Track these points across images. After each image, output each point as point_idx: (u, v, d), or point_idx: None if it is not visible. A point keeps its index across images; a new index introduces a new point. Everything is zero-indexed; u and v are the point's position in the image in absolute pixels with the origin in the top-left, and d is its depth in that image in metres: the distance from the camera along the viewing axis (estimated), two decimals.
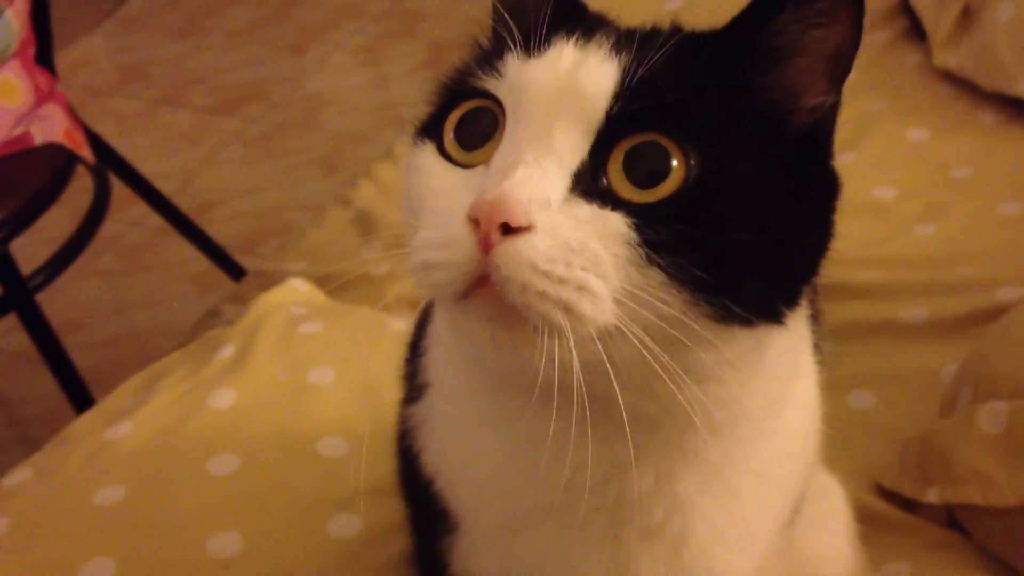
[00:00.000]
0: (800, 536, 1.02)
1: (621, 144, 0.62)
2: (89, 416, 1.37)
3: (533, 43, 0.66)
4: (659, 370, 0.62)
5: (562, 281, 0.59)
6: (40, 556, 1.16)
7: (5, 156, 1.92)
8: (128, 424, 1.29)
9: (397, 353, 0.93)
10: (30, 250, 2.07)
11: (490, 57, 0.68)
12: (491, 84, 0.67)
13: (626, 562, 0.77)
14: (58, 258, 2.09)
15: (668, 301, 0.61)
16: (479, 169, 0.65)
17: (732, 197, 0.62)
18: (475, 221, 0.59)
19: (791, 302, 0.68)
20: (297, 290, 1.56)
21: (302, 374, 1.34)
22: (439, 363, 0.82)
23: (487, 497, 0.80)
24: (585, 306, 0.59)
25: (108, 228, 2.70)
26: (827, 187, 0.70)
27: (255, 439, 1.26)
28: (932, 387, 1.37)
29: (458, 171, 0.67)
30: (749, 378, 0.70)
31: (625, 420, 0.65)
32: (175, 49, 3.68)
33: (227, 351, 1.40)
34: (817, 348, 0.86)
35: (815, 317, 0.92)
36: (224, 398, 1.31)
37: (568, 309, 0.59)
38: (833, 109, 0.69)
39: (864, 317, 1.51)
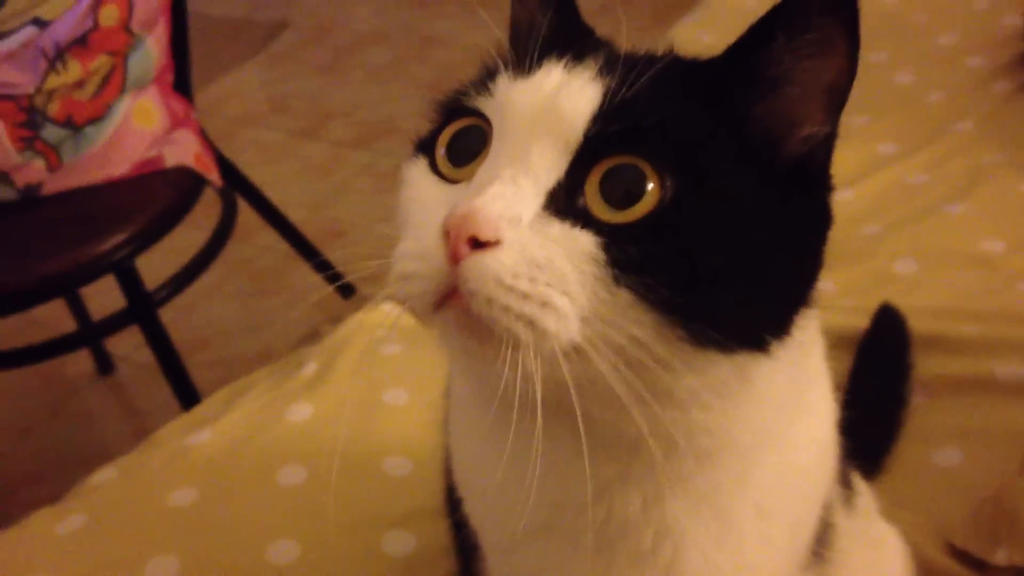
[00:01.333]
0: None
1: (599, 165, 0.63)
2: (176, 423, 1.44)
3: (525, 64, 0.68)
4: (635, 392, 0.62)
5: (526, 296, 0.60)
6: (110, 551, 1.21)
7: (136, 177, 2.03)
8: (208, 432, 1.35)
9: None
10: (163, 267, 2.17)
11: (487, 77, 0.70)
12: (481, 103, 0.68)
13: None
14: (182, 275, 2.19)
15: (640, 322, 0.61)
16: (463, 184, 0.67)
17: (707, 222, 0.62)
18: (447, 234, 0.61)
19: (777, 331, 0.67)
20: (386, 312, 1.60)
21: (377, 393, 1.38)
22: (451, 377, 0.84)
23: (490, 512, 0.82)
24: (549, 322, 0.60)
25: (242, 251, 2.83)
26: (817, 218, 0.69)
27: (323, 453, 1.29)
28: (1022, 447, 1.32)
29: (445, 186, 0.69)
30: (737, 406, 0.69)
31: (608, 440, 0.66)
32: (318, 83, 3.81)
33: (310, 368, 1.45)
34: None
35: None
36: (300, 412, 1.36)
37: (532, 324, 0.60)
38: (828, 140, 0.68)
39: (959, 371, 1.46)
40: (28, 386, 2.70)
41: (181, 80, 2.20)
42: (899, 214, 1.74)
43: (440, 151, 0.70)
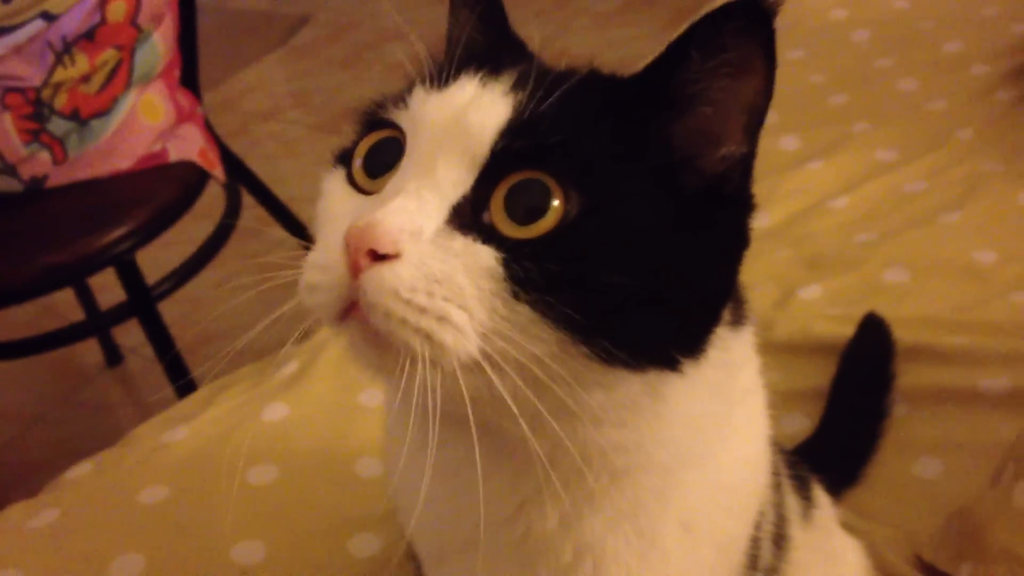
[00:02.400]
0: None
1: (505, 180, 0.63)
2: (156, 420, 1.45)
3: (442, 76, 0.68)
4: (538, 409, 0.62)
5: (423, 310, 0.60)
6: (79, 546, 1.23)
7: (140, 170, 2.04)
8: (184, 429, 1.36)
9: None
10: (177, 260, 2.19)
11: (407, 90, 0.70)
12: (397, 115, 0.68)
13: None
14: (183, 269, 2.21)
15: (542, 339, 0.61)
16: (376, 197, 0.67)
17: (610, 240, 0.62)
18: (348, 246, 0.61)
19: (687, 350, 0.67)
20: None
21: (353, 394, 1.38)
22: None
23: (419, 525, 0.82)
24: (446, 336, 0.60)
25: (253, 246, 2.84)
26: (731, 238, 0.69)
27: (297, 453, 1.30)
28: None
29: (359, 198, 0.69)
30: (650, 424, 0.69)
31: (522, 456, 0.66)
32: (336, 79, 3.82)
33: (290, 367, 1.46)
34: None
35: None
36: (277, 411, 1.37)
37: (429, 338, 0.60)
38: (745, 160, 0.67)
39: (944, 383, 1.44)
40: (40, 375, 2.74)
41: (188, 75, 2.21)
42: (893, 222, 1.72)
43: (356, 163, 0.70)
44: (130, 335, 2.69)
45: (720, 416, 0.76)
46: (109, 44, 1.94)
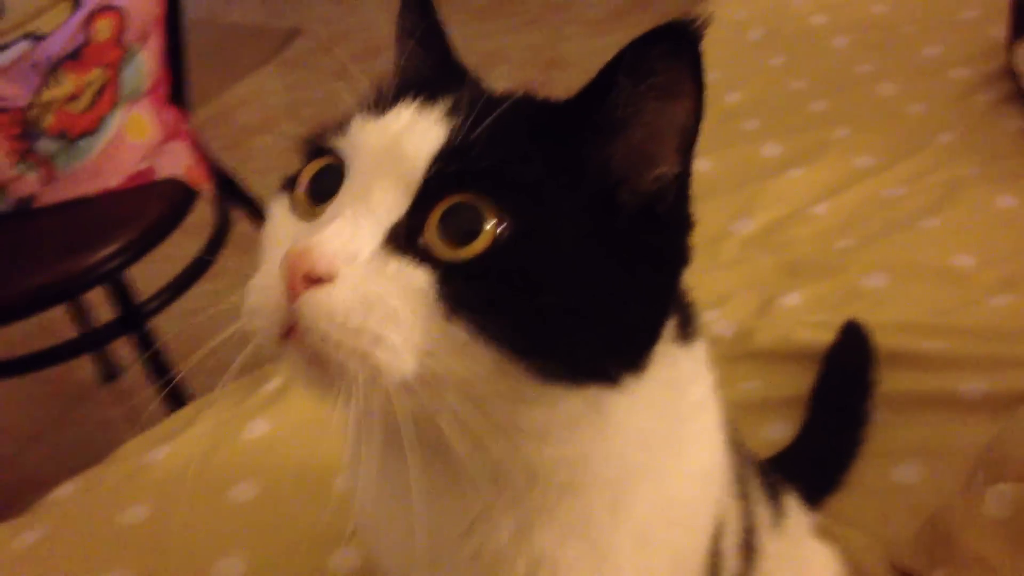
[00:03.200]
0: None
1: (439, 204, 0.64)
2: (140, 439, 1.46)
3: (380, 104, 0.69)
4: (483, 426, 0.63)
5: (358, 332, 0.61)
6: (61, 566, 1.24)
7: (128, 188, 2.06)
8: (166, 448, 1.37)
9: None
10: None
11: (348, 118, 0.71)
12: (337, 142, 0.70)
13: None
14: (174, 285, 2.21)
15: (478, 358, 0.62)
16: (314, 223, 0.68)
17: (542, 260, 0.63)
18: (285, 270, 0.62)
19: (628, 366, 0.68)
20: None
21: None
22: None
23: (375, 545, 0.83)
24: (381, 357, 0.61)
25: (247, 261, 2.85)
26: (667, 258, 0.70)
27: (277, 469, 1.31)
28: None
29: (299, 224, 0.70)
30: (594, 440, 0.70)
31: (469, 473, 0.67)
32: (329, 91, 3.82)
33: (272, 384, 1.47)
34: None
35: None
36: (257, 428, 1.38)
37: (364, 359, 0.61)
38: (679, 180, 0.68)
39: (922, 387, 1.45)
40: (36, 393, 2.75)
41: (176, 91, 2.22)
42: (872, 228, 1.73)
43: (299, 189, 0.71)
44: (127, 349, 2.71)
45: (668, 431, 0.77)
46: (95, 64, 1.96)
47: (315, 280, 0.62)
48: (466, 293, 0.62)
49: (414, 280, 0.63)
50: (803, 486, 1.22)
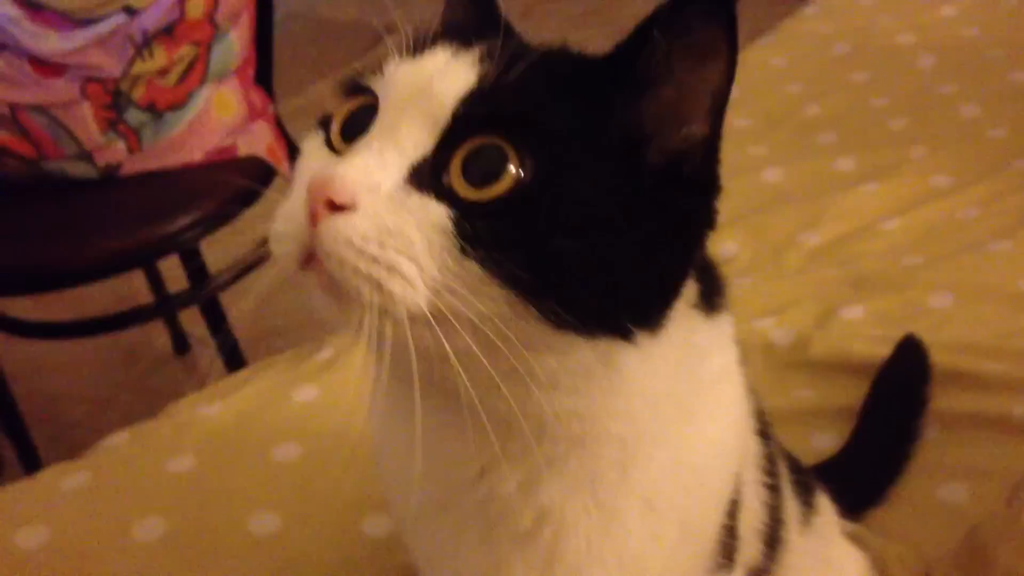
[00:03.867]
0: None
1: (464, 144, 0.65)
2: (195, 396, 1.50)
3: (418, 47, 0.71)
4: (494, 369, 0.64)
5: (375, 260, 0.62)
6: (105, 508, 1.27)
7: (210, 163, 2.11)
8: (219, 405, 1.41)
9: None
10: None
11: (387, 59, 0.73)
12: (373, 81, 0.71)
13: (499, 565, 0.78)
14: (246, 261, 2.26)
15: (492, 298, 0.63)
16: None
17: (561, 206, 0.64)
18: (309, 196, 0.64)
19: (641, 322, 0.68)
20: None
21: None
22: None
23: (391, 486, 0.84)
24: (395, 286, 0.62)
25: None
26: (691, 218, 0.70)
27: (321, 433, 1.34)
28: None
29: (331, 158, 0.71)
30: (605, 394, 0.71)
31: (481, 418, 0.68)
32: None
33: (325, 352, 1.50)
34: None
35: None
36: (307, 393, 1.40)
37: (379, 287, 0.62)
38: (708, 142, 0.68)
39: (976, 408, 1.42)
40: (112, 359, 2.83)
41: (263, 73, 2.27)
42: (942, 248, 1.71)
43: (334, 126, 0.72)
44: (200, 325, 2.77)
45: (684, 398, 0.77)
46: (187, 40, 2.01)
47: (337, 207, 0.63)
48: (484, 232, 0.63)
49: (433, 215, 0.64)
50: (846, 497, 1.21)
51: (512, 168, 0.64)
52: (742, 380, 0.83)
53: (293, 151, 2.30)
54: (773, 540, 0.98)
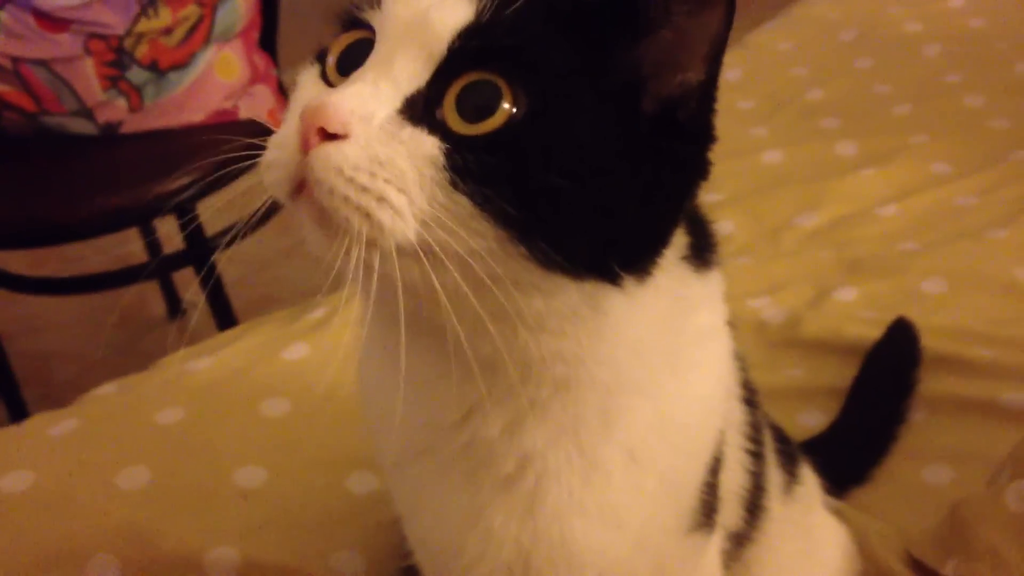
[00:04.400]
0: (767, 566, 1.00)
1: (459, 79, 0.65)
2: (185, 351, 1.50)
3: None
4: (481, 307, 0.64)
5: (364, 189, 0.62)
6: (91, 455, 1.27)
7: (210, 125, 2.10)
8: (208, 359, 1.41)
9: None
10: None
11: None
12: (369, 15, 0.70)
13: (480, 509, 0.78)
14: (243, 225, 2.25)
15: (481, 234, 0.63)
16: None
17: (553, 144, 0.64)
18: (301, 124, 0.64)
19: (629, 266, 0.68)
20: None
21: None
22: None
23: (376, 430, 0.84)
24: (384, 216, 0.62)
25: None
26: (683, 167, 0.70)
27: (309, 390, 1.34)
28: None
29: (327, 90, 0.71)
30: (591, 338, 0.71)
31: (466, 358, 0.68)
32: None
33: (318, 312, 1.50)
34: None
35: None
36: (297, 351, 1.40)
37: (368, 217, 0.62)
38: (703, 89, 0.68)
39: (963, 393, 1.43)
40: (105, 321, 2.82)
41: (267, 38, 2.27)
42: (938, 234, 1.71)
43: (330, 60, 0.72)
44: (193, 290, 2.77)
45: (669, 348, 0.77)
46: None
47: (329, 136, 0.63)
48: (475, 166, 0.63)
49: (425, 147, 0.64)
50: (830, 474, 1.21)
51: (506, 104, 0.64)
52: (729, 340, 0.83)
53: None
54: (755, 507, 0.98)
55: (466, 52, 0.65)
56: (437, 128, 0.65)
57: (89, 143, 2.06)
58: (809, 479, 1.12)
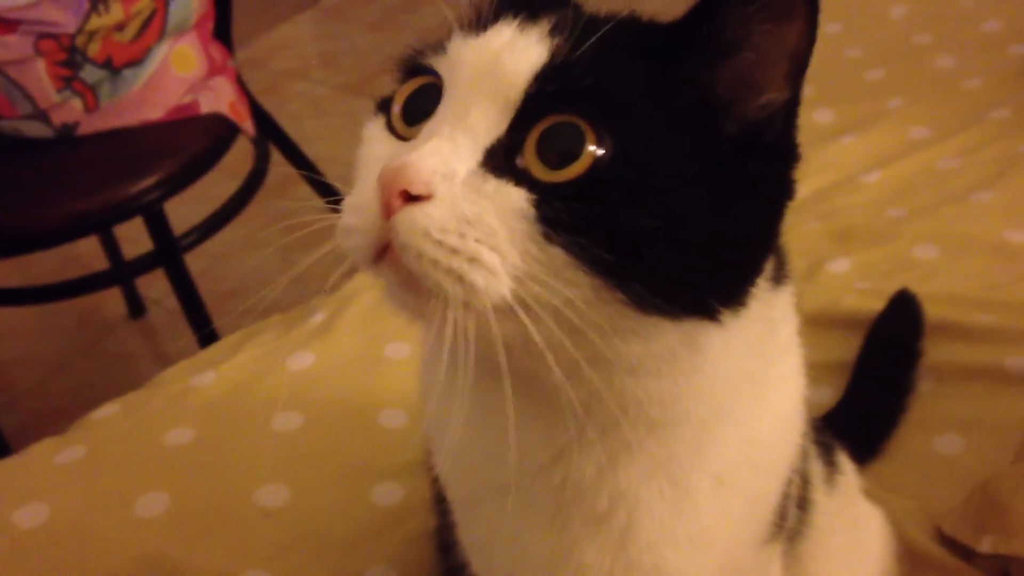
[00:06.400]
0: (817, 560, 1.00)
1: (538, 124, 0.62)
2: (183, 364, 1.46)
3: (479, 22, 0.67)
4: (572, 356, 0.62)
5: (455, 251, 0.60)
6: (105, 483, 1.24)
7: (170, 121, 2.05)
8: (212, 374, 1.37)
9: None
10: (198, 215, 2.20)
11: (447, 37, 0.70)
12: (435, 61, 0.68)
13: (570, 548, 0.76)
14: (210, 222, 2.21)
15: (577, 283, 0.61)
16: (411, 142, 0.67)
17: (642, 183, 0.61)
18: (381, 187, 0.61)
19: (726, 300, 0.66)
20: None
21: (379, 347, 1.39)
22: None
23: (452, 468, 0.82)
24: (477, 278, 0.60)
25: (279, 204, 2.84)
26: (773, 188, 0.68)
27: (322, 402, 1.31)
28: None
29: (396, 143, 0.69)
30: (688, 377, 0.69)
31: (560, 403, 0.66)
32: (367, 41, 3.81)
33: (318, 318, 1.47)
34: None
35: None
36: (302, 360, 1.38)
37: (461, 279, 0.60)
38: (788, 107, 0.66)
39: (969, 360, 1.44)
40: (65, 324, 2.76)
41: (222, 28, 2.21)
42: (925, 199, 1.72)
43: (395, 109, 0.69)
44: (154, 287, 2.71)
45: (757, 372, 0.75)
46: None
47: (412, 198, 0.60)
48: (566, 215, 0.60)
49: (513, 200, 0.61)
50: (844, 451, 1.21)
51: (590, 146, 0.61)
52: (800, 349, 0.82)
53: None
54: (803, 501, 0.98)
55: (544, 96, 0.63)
56: (521, 178, 0.62)
57: (47, 147, 1.99)
58: (847, 467, 1.12)
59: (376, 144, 0.70)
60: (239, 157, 2.12)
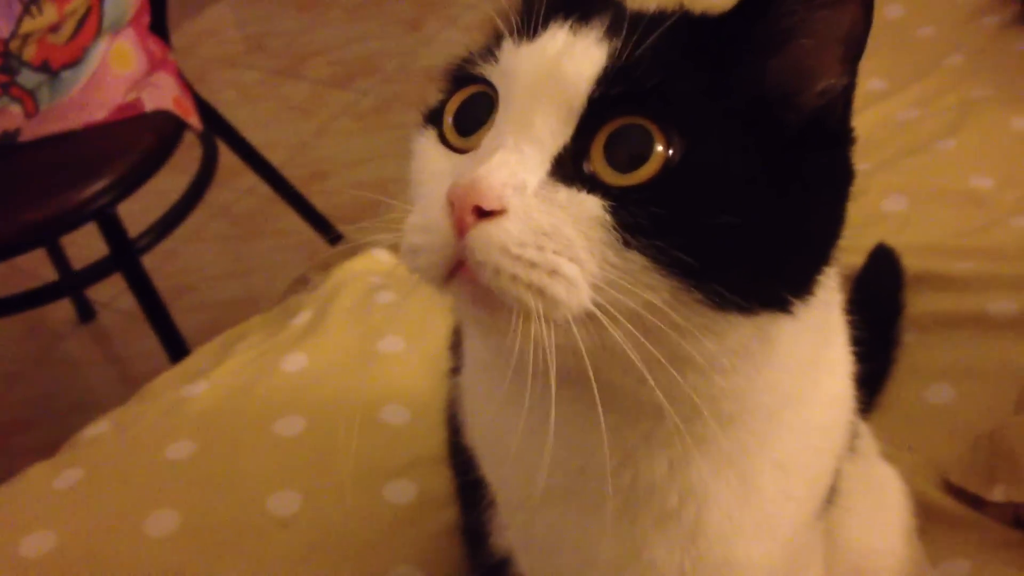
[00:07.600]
0: (846, 526, 1.01)
1: (604, 128, 0.62)
2: (169, 374, 1.43)
3: (530, 28, 0.66)
4: (653, 358, 0.61)
5: (534, 265, 0.59)
6: (110, 505, 1.21)
7: (115, 122, 2.00)
8: (203, 383, 1.34)
9: None
10: (142, 212, 2.15)
11: (494, 43, 0.68)
12: (486, 70, 0.66)
13: (641, 546, 0.76)
14: (164, 221, 2.16)
15: (655, 287, 0.60)
16: (471, 154, 0.65)
17: (714, 181, 0.61)
18: (451, 205, 0.60)
19: (798, 290, 0.66)
20: (378, 260, 1.59)
21: (373, 342, 1.37)
22: (466, 339, 0.83)
23: (508, 475, 0.81)
24: (559, 290, 0.59)
25: (223, 195, 2.80)
26: (836, 174, 0.68)
27: (322, 403, 1.29)
28: (1015, 384, 1.32)
29: (453, 156, 0.67)
30: (759, 370, 0.69)
31: (630, 406, 0.65)
32: (295, 22, 3.75)
33: (303, 317, 1.44)
34: None
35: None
36: (296, 362, 1.35)
37: (541, 293, 0.59)
38: (846, 92, 0.66)
39: (951, 308, 1.46)
40: (12, 334, 2.70)
41: (157, 21, 2.16)
42: (889, 151, 1.73)
43: (447, 120, 0.68)
44: (101, 290, 2.65)
45: (818, 356, 0.76)
46: None
47: (485, 213, 0.59)
48: (642, 218, 0.60)
49: (587, 208, 0.60)
50: None
51: (659, 147, 0.60)
52: (846, 327, 0.82)
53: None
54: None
55: (609, 100, 0.62)
56: (590, 184, 0.61)
57: None
58: (864, 430, 1.13)
59: (432, 159, 0.68)
60: (180, 149, 2.07)
